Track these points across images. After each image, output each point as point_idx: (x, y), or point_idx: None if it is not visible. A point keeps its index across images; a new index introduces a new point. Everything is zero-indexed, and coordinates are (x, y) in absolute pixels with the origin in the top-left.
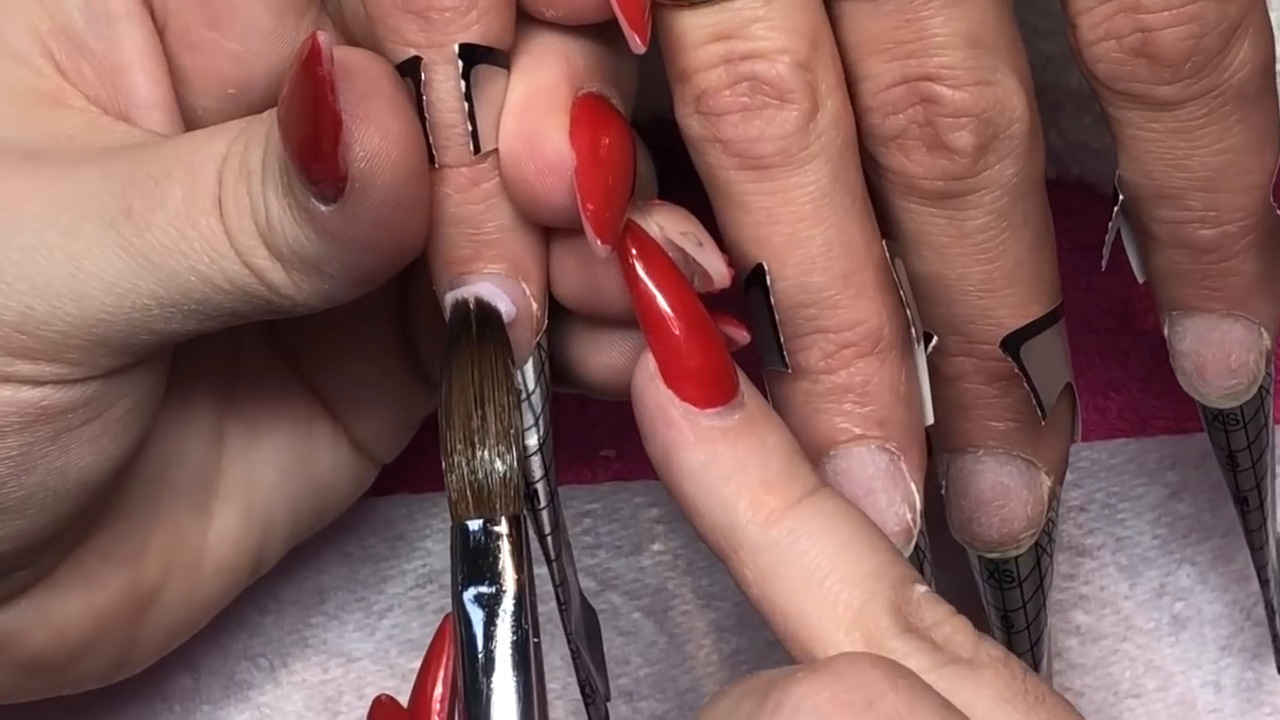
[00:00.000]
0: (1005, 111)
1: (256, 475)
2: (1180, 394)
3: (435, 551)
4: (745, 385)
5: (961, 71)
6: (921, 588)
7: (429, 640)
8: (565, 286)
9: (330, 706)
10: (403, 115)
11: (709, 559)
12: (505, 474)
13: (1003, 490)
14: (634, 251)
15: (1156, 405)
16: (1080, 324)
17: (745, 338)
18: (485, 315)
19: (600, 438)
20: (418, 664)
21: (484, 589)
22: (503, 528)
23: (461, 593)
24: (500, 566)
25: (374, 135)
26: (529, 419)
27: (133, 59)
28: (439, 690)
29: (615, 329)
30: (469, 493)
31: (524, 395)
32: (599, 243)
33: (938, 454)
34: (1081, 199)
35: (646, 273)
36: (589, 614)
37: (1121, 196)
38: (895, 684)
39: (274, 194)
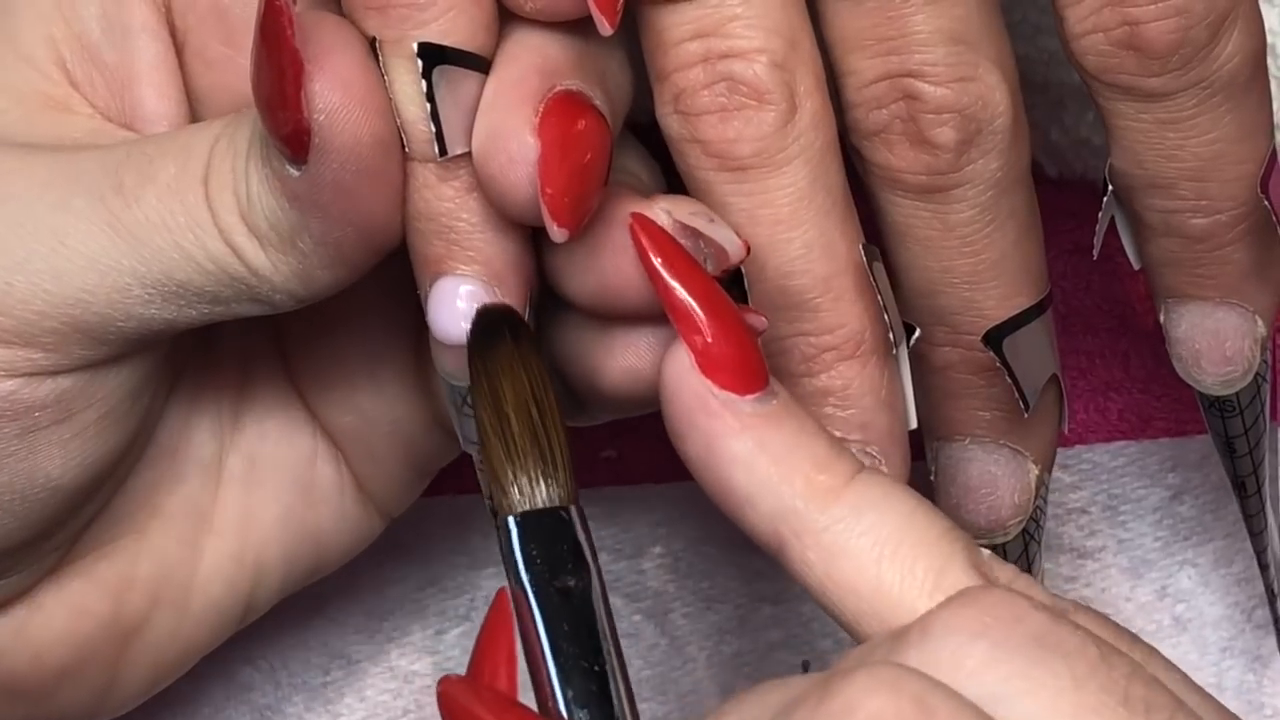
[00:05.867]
0: (988, 107)
1: (254, 515)
2: (1181, 396)
3: (435, 554)
4: (771, 375)
5: (943, 68)
6: (987, 551)
7: (429, 643)
8: (574, 284)
9: (330, 709)
10: (367, 77)
11: (709, 562)
12: (568, 463)
13: (990, 479)
14: (649, 245)
15: (1157, 407)
16: (1080, 325)
17: (764, 323)
18: (512, 316)
19: (600, 439)
20: (418, 666)
21: (569, 577)
22: (575, 515)
23: (549, 582)
24: (580, 553)
25: (335, 89)
26: None
27: (143, 72)
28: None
29: (630, 329)
30: (540, 483)
31: None
32: (555, 227)
33: (927, 442)
34: (1083, 199)
35: (666, 265)
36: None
37: (1111, 186)
38: (1033, 604)
39: (255, 168)
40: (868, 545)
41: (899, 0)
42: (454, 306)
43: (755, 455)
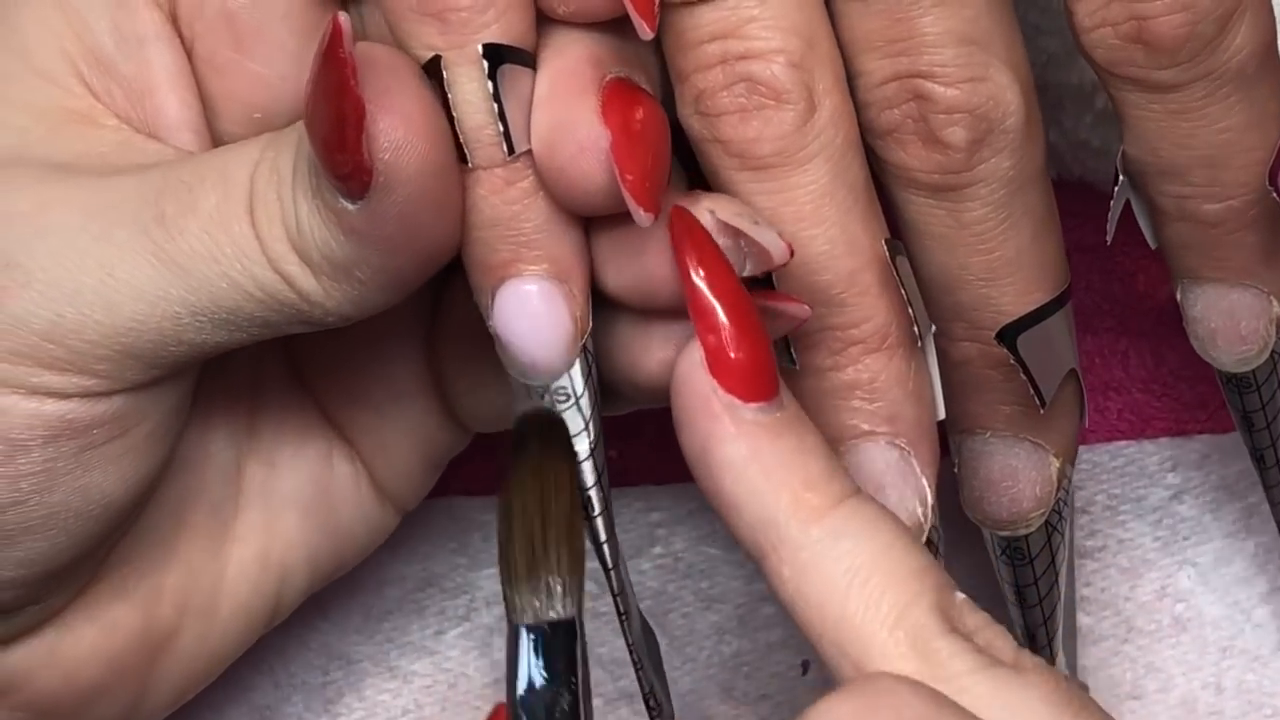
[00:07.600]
0: (999, 106)
1: (275, 518)
2: (1180, 396)
3: (435, 555)
4: (782, 387)
5: (953, 69)
6: (960, 595)
7: (428, 643)
8: (616, 278)
9: (330, 709)
10: (427, 108)
11: (710, 562)
12: (570, 587)
13: (1011, 472)
14: (683, 238)
15: (1157, 407)
16: (1080, 325)
17: (807, 311)
18: (552, 424)
19: None
20: (417, 666)
21: (547, 690)
22: (560, 632)
23: (523, 694)
24: (561, 669)
25: (398, 127)
26: (579, 424)
27: (161, 80)
28: None
29: (668, 322)
30: (534, 600)
31: (572, 399)
32: (642, 212)
33: (950, 435)
34: (1082, 199)
35: (699, 262)
36: (646, 631)
37: (1122, 173)
38: (918, 691)
39: (304, 197)
40: (840, 570)
41: (908, 2)
42: (527, 308)
43: (747, 463)
